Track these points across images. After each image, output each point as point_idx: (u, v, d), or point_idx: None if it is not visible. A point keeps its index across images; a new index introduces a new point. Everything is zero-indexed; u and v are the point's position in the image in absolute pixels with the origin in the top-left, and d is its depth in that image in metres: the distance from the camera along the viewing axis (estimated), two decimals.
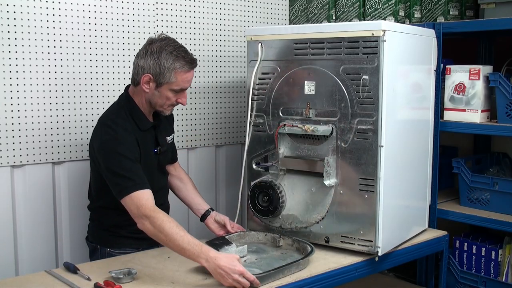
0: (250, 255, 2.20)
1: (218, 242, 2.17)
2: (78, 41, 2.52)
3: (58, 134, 2.50)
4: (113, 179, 2.07)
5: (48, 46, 2.44)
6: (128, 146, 2.10)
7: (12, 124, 2.37)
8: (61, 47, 2.47)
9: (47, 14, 2.42)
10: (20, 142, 2.39)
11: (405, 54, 2.31)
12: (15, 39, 2.35)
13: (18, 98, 2.38)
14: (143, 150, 2.19)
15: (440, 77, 2.61)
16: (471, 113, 2.58)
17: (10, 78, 2.35)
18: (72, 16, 2.49)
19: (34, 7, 2.39)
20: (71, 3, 2.48)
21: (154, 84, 2.14)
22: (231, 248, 2.13)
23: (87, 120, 2.58)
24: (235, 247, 2.14)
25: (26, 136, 2.41)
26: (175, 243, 1.94)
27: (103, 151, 2.11)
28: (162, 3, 2.78)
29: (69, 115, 2.53)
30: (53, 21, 2.44)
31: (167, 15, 2.80)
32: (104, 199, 2.24)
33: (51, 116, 2.48)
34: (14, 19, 2.34)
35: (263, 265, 2.11)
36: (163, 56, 2.11)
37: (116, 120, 2.16)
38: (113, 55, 2.63)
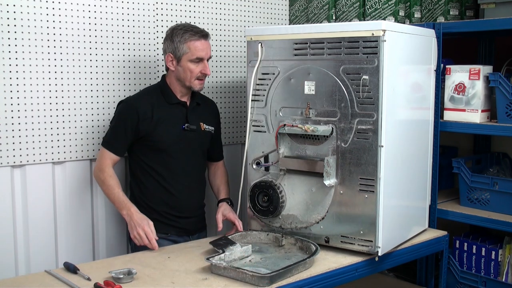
0: (254, 255, 2.19)
1: (222, 242, 2.17)
2: (78, 42, 2.52)
3: (58, 134, 2.50)
4: (109, 128, 2.48)
5: (48, 46, 2.44)
6: (129, 115, 2.40)
7: (12, 124, 2.37)
8: (61, 47, 2.48)
9: (47, 14, 2.43)
10: (20, 142, 2.40)
11: (405, 54, 2.31)
12: (15, 39, 2.35)
13: (18, 98, 2.38)
14: (162, 122, 2.42)
15: (440, 77, 2.61)
16: (471, 113, 2.58)
17: (10, 78, 2.36)
18: (72, 16, 2.49)
19: (34, 7, 2.39)
20: (71, 3, 2.49)
21: (176, 61, 2.42)
22: (236, 248, 2.12)
23: (87, 120, 2.58)
24: (240, 246, 2.14)
25: (26, 136, 2.41)
26: (110, 196, 2.39)
27: (117, 108, 2.49)
28: (162, 3, 2.78)
29: (69, 115, 2.53)
30: (53, 21, 2.44)
31: (167, 15, 2.80)
32: (139, 175, 2.48)
33: (51, 116, 2.48)
34: (14, 19, 2.34)
35: (269, 264, 2.10)
36: (175, 33, 2.41)
37: (141, 91, 2.54)
38: (113, 55, 2.63)
